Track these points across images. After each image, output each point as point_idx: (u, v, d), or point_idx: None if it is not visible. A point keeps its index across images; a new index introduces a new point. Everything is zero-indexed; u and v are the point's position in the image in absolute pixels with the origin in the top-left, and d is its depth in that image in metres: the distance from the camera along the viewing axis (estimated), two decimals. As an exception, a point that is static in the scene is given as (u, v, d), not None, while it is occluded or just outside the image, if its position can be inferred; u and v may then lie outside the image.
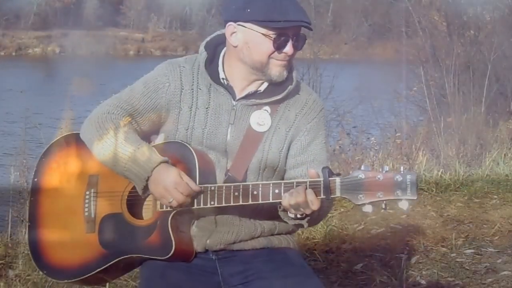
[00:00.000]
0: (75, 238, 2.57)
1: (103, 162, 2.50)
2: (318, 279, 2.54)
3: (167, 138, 2.56)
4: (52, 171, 2.66)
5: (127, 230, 2.51)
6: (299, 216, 2.39)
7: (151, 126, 2.57)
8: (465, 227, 5.67)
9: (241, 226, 2.56)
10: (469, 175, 7.51)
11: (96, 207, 2.56)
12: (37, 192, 2.67)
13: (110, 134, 2.47)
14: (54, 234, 2.63)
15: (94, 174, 2.57)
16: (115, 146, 2.45)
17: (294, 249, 2.68)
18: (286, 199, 2.33)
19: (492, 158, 8.12)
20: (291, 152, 2.56)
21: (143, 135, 2.55)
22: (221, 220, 2.54)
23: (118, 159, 2.44)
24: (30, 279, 4.21)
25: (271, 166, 2.55)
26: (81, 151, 2.58)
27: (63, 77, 28.38)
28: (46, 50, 46.74)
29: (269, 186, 2.37)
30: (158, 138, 2.60)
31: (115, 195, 2.54)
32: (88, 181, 2.58)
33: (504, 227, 5.62)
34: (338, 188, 2.29)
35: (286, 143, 2.56)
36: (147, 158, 2.42)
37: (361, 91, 10.76)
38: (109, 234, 2.53)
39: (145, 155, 2.42)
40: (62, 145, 2.69)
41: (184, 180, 2.39)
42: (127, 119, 2.52)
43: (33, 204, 2.68)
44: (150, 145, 2.49)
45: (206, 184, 2.43)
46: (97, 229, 2.55)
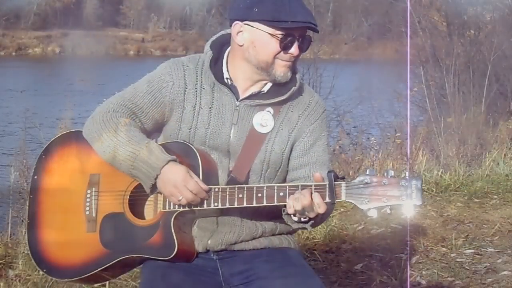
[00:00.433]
0: (76, 237, 2.56)
1: (108, 161, 2.48)
2: (319, 279, 2.54)
3: (169, 137, 2.56)
4: (52, 169, 2.65)
5: (129, 230, 2.50)
6: (303, 219, 2.39)
7: (154, 125, 2.56)
8: (465, 227, 5.67)
9: (242, 227, 2.56)
10: (469, 175, 7.51)
11: (97, 206, 2.55)
12: (36, 190, 2.65)
13: (115, 133, 2.46)
14: (54, 233, 2.62)
15: (95, 173, 2.56)
16: (121, 144, 2.44)
17: (295, 249, 2.68)
18: (291, 205, 2.33)
19: (492, 158, 8.12)
20: (294, 153, 2.57)
21: (147, 134, 2.54)
22: (222, 220, 2.54)
23: (125, 158, 2.43)
24: (30, 279, 4.21)
25: (274, 167, 2.55)
26: (82, 149, 2.57)
27: (63, 77, 28.43)
28: (46, 50, 46.74)
29: (273, 188, 2.37)
30: (160, 138, 2.61)
31: (117, 195, 2.53)
32: (89, 180, 2.57)
33: (504, 227, 5.62)
34: (343, 192, 2.30)
35: (289, 144, 2.56)
36: (156, 157, 2.41)
37: (361, 91, 10.76)
38: (110, 234, 2.52)
39: (153, 154, 2.41)
40: (62, 143, 2.67)
41: (193, 178, 2.40)
42: (131, 117, 2.52)
43: (32, 202, 2.66)
44: (157, 143, 2.49)
45: (209, 184, 2.43)
46: (98, 228, 2.54)
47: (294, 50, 2.45)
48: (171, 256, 2.43)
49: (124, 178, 2.49)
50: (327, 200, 2.31)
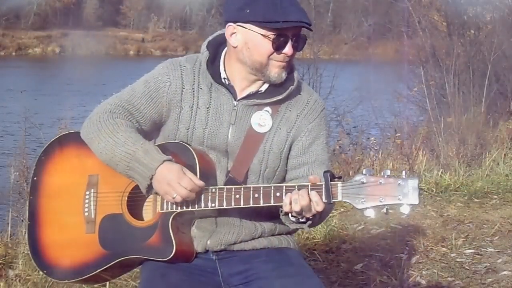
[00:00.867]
0: (75, 238, 2.57)
1: (105, 162, 2.49)
2: (318, 279, 2.54)
3: (168, 137, 2.56)
4: (51, 171, 2.65)
5: (128, 231, 2.50)
6: (301, 220, 2.39)
7: (152, 126, 2.56)
8: (465, 227, 5.67)
9: (241, 227, 2.56)
10: (469, 175, 7.51)
11: (96, 208, 2.55)
12: (36, 191, 2.66)
13: (111, 133, 2.46)
14: (54, 234, 2.62)
15: (94, 174, 2.57)
16: (117, 145, 2.44)
17: (294, 249, 2.68)
18: (287, 202, 2.32)
19: (492, 158, 8.12)
20: (293, 152, 2.56)
21: (144, 135, 2.54)
22: (221, 220, 2.54)
23: (121, 159, 2.44)
24: (30, 279, 4.21)
25: (272, 166, 2.54)
26: (81, 150, 2.58)
27: (63, 77, 28.44)
28: (46, 50, 46.77)
29: (270, 189, 2.37)
30: (158, 138, 2.61)
31: (116, 196, 2.53)
32: (88, 181, 2.58)
33: (504, 227, 5.62)
34: (339, 192, 2.29)
35: (287, 144, 2.55)
36: (151, 157, 2.41)
37: (361, 91, 10.75)
38: (109, 235, 2.53)
39: (148, 154, 2.42)
40: (61, 144, 2.68)
41: (187, 175, 2.40)
42: (128, 118, 2.52)
43: (32, 203, 2.67)
44: (152, 143, 2.49)
45: (207, 184, 2.43)
46: (97, 229, 2.54)
47: (288, 50, 2.44)
48: (170, 257, 2.43)
49: (122, 179, 2.49)
50: (324, 200, 2.30)
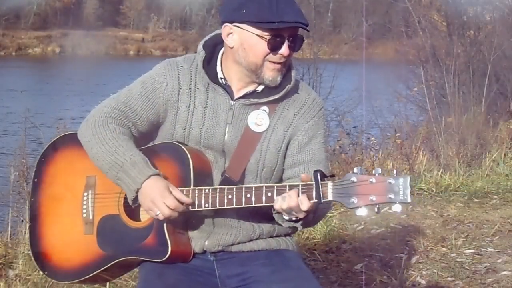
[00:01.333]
0: (75, 239, 2.57)
1: (97, 166, 2.50)
2: (317, 282, 2.52)
3: (165, 137, 2.55)
4: (51, 172, 2.66)
5: (124, 232, 2.50)
6: (294, 219, 2.38)
7: (150, 127, 2.56)
8: (465, 227, 5.67)
9: (239, 228, 2.55)
10: (469, 175, 7.51)
11: (94, 209, 2.56)
12: (37, 193, 2.67)
13: (104, 141, 2.46)
14: (54, 236, 2.63)
15: (91, 175, 2.57)
16: (107, 153, 2.44)
17: (293, 251, 2.66)
18: (279, 203, 2.31)
19: (492, 158, 8.12)
20: (289, 151, 2.55)
21: (141, 137, 2.54)
22: (219, 221, 2.54)
23: (110, 167, 2.44)
24: (30, 279, 4.21)
25: (270, 166, 2.53)
26: (79, 151, 2.57)
27: (63, 77, 28.44)
28: (46, 50, 46.77)
29: (262, 189, 2.36)
30: (157, 139, 2.60)
31: (113, 197, 2.53)
32: (86, 182, 2.58)
33: (504, 227, 5.63)
34: (330, 192, 2.27)
35: (284, 143, 2.55)
36: (138, 170, 2.41)
37: (361, 91, 10.74)
38: (106, 236, 2.53)
39: (136, 167, 2.41)
40: (61, 145, 2.68)
41: (173, 193, 2.39)
42: (124, 122, 2.51)
43: (33, 205, 2.68)
44: (144, 151, 2.48)
45: (203, 184, 2.43)
46: (95, 230, 2.55)
47: (284, 50, 2.42)
48: (165, 257, 2.42)
49: None
50: (314, 200, 2.28)
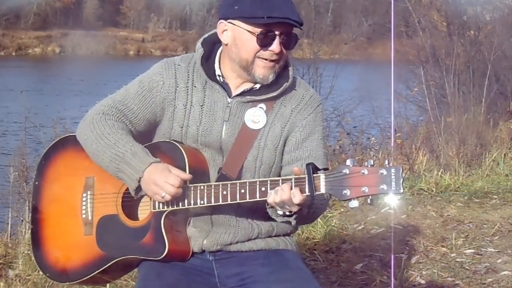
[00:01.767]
0: (75, 240, 2.58)
1: (97, 163, 2.51)
2: (317, 283, 2.52)
3: (163, 136, 2.56)
4: (51, 174, 2.68)
5: (122, 231, 2.51)
6: (288, 213, 2.38)
7: (147, 126, 2.57)
8: (465, 227, 5.67)
9: (237, 227, 2.55)
10: (469, 175, 7.51)
11: (93, 209, 2.57)
12: (38, 195, 2.69)
13: (103, 135, 2.47)
14: (55, 237, 2.64)
15: (90, 176, 2.59)
16: (107, 147, 2.46)
17: (292, 251, 2.66)
18: (272, 197, 2.32)
19: (492, 158, 8.13)
20: (287, 148, 2.56)
21: (139, 136, 2.55)
22: (217, 220, 2.54)
23: (111, 160, 2.45)
24: (30, 279, 4.21)
25: (267, 163, 2.54)
26: (78, 153, 2.59)
27: (63, 77, 28.44)
28: (46, 50, 46.78)
29: (255, 184, 2.36)
30: (155, 138, 2.61)
31: (111, 197, 2.55)
32: (85, 183, 2.60)
33: (504, 227, 5.63)
34: (322, 184, 2.26)
35: (282, 140, 2.55)
36: (139, 159, 2.42)
37: (361, 91, 10.75)
38: (105, 236, 2.54)
39: (137, 156, 2.42)
40: (60, 147, 2.70)
41: (173, 172, 2.39)
42: (121, 119, 2.52)
43: (34, 207, 2.70)
44: (142, 146, 2.49)
45: (198, 182, 2.43)
46: (94, 231, 2.56)
47: (276, 47, 2.42)
48: (162, 256, 2.43)
49: (117, 180, 2.50)
50: (307, 193, 2.28)
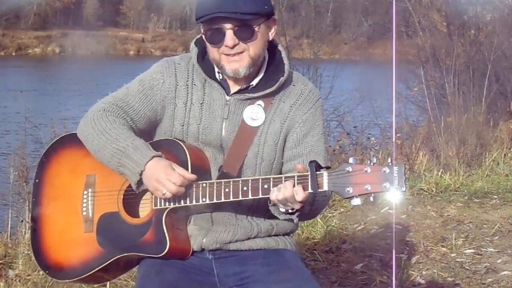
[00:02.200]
0: (75, 238, 2.59)
1: (99, 159, 2.52)
2: (316, 283, 2.52)
3: (164, 135, 2.57)
4: (52, 172, 2.68)
5: (123, 228, 2.52)
6: (290, 211, 2.38)
7: (148, 124, 2.58)
8: (465, 227, 5.67)
9: (237, 225, 2.56)
10: (469, 175, 7.51)
11: (93, 207, 2.58)
12: (38, 193, 2.69)
13: (104, 131, 2.49)
14: (55, 235, 2.64)
15: (91, 173, 2.59)
16: (109, 142, 2.47)
17: (292, 250, 2.66)
18: (274, 194, 2.32)
19: (492, 158, 8.13)
20: (288, 144, 2.56)
21: (141, 134, 2.55)
22: (217, 219, 2.55)
23: (112, 155, 2.46)
24: (30, 279, 4.21)
25: (268, 159, 2.55)
26: (79, 151, 2.60)
27: (63, 77, 28.45)
28: (46, 50, 46.80)
29: (258, 181, 2.37)
30: (156, 137, 2.62)
31: (112, 194, 2.55)
32: (86, 181, 2.60)
33: (504, 227, 5.63)
34: (325, 182, 2.27)
35: (282, 136, 2.56)
36: (141, 153, 2.43)
37: (361, 91, 10.74)
38: (106, 233, 2.54)
39: (138, 150, 2.43)
40: (61, 145, 2.70)
41: (176, 170, 2.40)
42: (123, 116, 2.53)
43: (34, 205, 2.70)
44: (143, 140, 2.50)
45: (200, 180, 2.43)
46: (95, 228, 2.56)
47: (228, 42, 2.43)
48: (163, 252, 2.44)
49: (118, 177, 2.51)
50: (310, 190, 2.28)
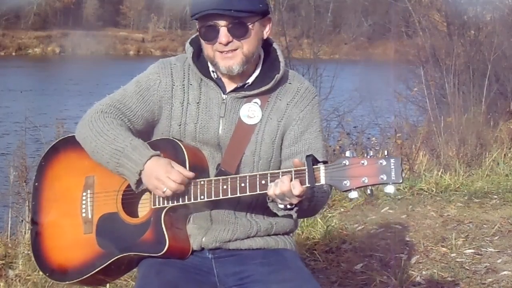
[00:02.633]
0: (75, 239, 2.59)
1: (97, 161, 2.52)
2: (316, 283, 2.52)
3: (161, 135, 2.58)
4: (51, 175, 2.69)
5: (123, 228, 2.52)
6: (289, 206, 2.39)
7: (145, 125, 2.59)
8: (465, 227, 5.67)
9: (236, 224, 2.56)
10: (469, 175, 7.51)
11: (93, 208, 2.58)
12: (37, 196, 2.70)
13: (102, 132, 2.49)
14: (55, 237, 2.65)
15: (90, 175, 2.60)
16: (107, 143, 2.47)
17: (291, 250, 2.66)
18: (272, 189, 2.33)
19: (492, 158, 8.13)
20: (285, 142, 2.57)
21: (138, 135, 2.56)
22: (216, 218, 2.55)
23: (111, 156, 2.46)
24: (30, 279, 4.22)
25: (265, 157, 2.55)
26: (78, 153, 2.60)
27: (63, 77, 28.45)
28: (46, 50, 46.80)
29: (256, 177, 2.37)
30: (153, 137, 2.62)
31: (110, 195, 2.56)
32: (85, 182, 2.61)
33: (504, 227, 5.62)
34: (322, 175, 2.28)
35: (279, 134, 2.56)
36: (139, 153, 2.44)
37: (361, 91, 10.74)
38: (105, 234, 2.55)
39: (137, 150, 2.44)
40: (60, 148, 2.71)
41: (175, 168, 2.41)
42: (120, 118, 2.54)
43: (34, 208, 2.71)
44: (142, 140, 2.50)
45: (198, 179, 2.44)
46: (94, 229, 2.57)
47: (220, 38, 2.44)
48: (163, 251, 2.44)
49: (117, 178, 2.52)
50: (307, 184, 2.29)
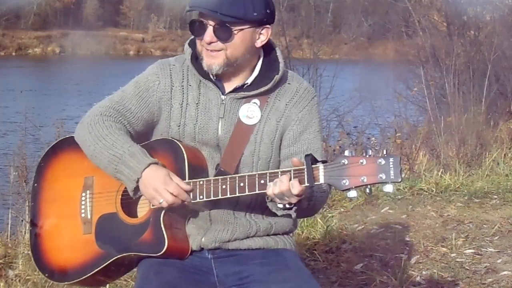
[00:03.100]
0: (74, 239, 2.59)
1: (96, 164, 2.52)
2: (316, 283, 2.52)
3: (161, 136, 2.58)
4: (50, 176, 2.69)
5: (122, 229, 2.52)
6: (288, 206, 2.39)
7: (145, 126, 2.58)
8: (465, 227, 5.67)
9: (235, 224, 2.57)
10: (469, 175, 7.51)
11: (92, 208, 2.58)
12: (37, 197, 2.70)
13: (101, 137, 2.49)
14: (54, 237, 2.65)
15: (89, 176, 2.60)
16: (105, 148, 2.47)
17: (291, 250, 2.66)
18: (271, 189, 2.33)
19: (492, 158, 8.12)
20: (284, 142, 2.57)
21: (138, 136, 2.56)
22: (215, 218, 2.55)
23: (109, 161, 2.46)
24: (30, 279, 4.21)
25: (265, 158, 2.55)
26: (77, 154, 2.60)
27: (63, 77, 28.46)
28: (46, 50, 46.81)
29: (255, 177, 2.38)
30: (152, 138, 2.62)
31: (110, 195, 2.56)
32: (84, 183, 2.61)
33: (504, 227, 5.62)
34: (321, 175, 2.28)
35: (278, 134, 2.57)
36: (137, 160, 2.43)
37: (361, 91, 10.74)
38: (104, 234, 2.55)
39: (135, 157, 2.44)
40: (59, 149, 2.72)
41: (173, 180, 2.41)
42: (120, 120, 2.53)
43: (33, 209, 2.71)
44: (140, 146, 2.50)
45: (197, 179, 2.44)
46: (93, 229, 2.57)
47: (206, 37, 2.45)
48: (162, 251, 2.44)
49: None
50: (306, 184, 2.29)
